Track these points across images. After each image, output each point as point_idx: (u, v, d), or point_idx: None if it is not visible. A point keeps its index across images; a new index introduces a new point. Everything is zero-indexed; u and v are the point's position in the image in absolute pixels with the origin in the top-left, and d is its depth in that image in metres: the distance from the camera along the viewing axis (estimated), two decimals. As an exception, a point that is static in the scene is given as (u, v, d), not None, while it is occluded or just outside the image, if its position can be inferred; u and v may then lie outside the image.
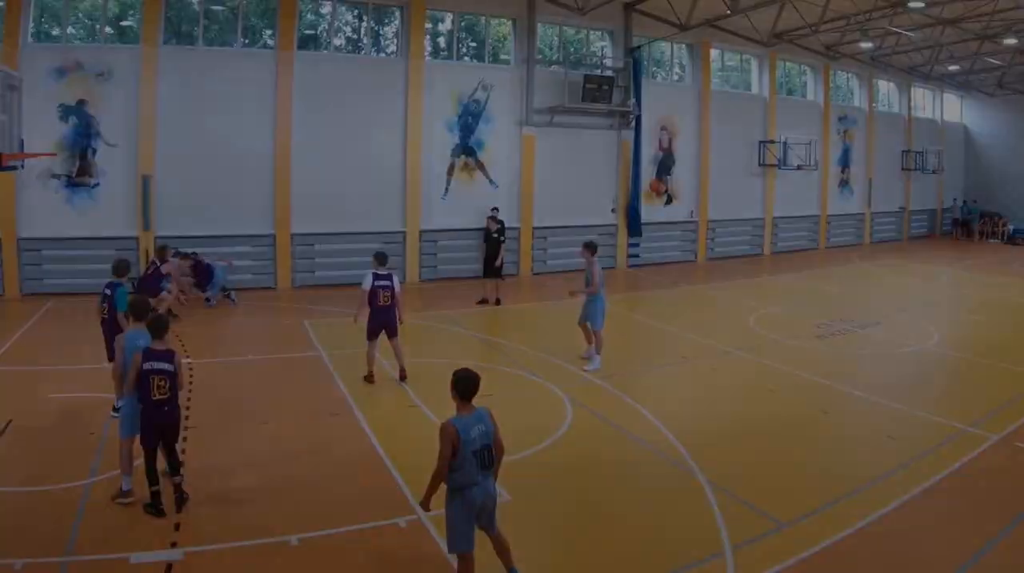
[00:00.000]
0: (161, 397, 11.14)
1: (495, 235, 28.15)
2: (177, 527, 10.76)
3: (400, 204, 32.96)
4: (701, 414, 16.39)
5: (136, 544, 10.27)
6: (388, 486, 12.39)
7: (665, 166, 39.87)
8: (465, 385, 9.26)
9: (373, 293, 17.63)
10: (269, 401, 16.90)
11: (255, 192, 30.48)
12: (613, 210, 38.18)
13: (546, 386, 17.94)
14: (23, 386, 17.32)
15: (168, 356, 11.29)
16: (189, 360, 18.97)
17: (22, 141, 17.10)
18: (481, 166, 34.65)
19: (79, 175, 28.25)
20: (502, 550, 9.47)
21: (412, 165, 32.91)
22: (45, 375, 18.11)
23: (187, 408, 15.05)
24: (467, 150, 34.35)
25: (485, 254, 28.82)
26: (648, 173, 39.06)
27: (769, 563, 10.07)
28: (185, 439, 13.60)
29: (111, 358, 14.04)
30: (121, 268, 16.22)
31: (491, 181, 34.82)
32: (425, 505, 9.33)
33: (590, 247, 20.29)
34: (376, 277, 17.69)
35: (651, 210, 39.20)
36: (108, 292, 15.73)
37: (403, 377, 18.07)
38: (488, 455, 9.13)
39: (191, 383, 17.03)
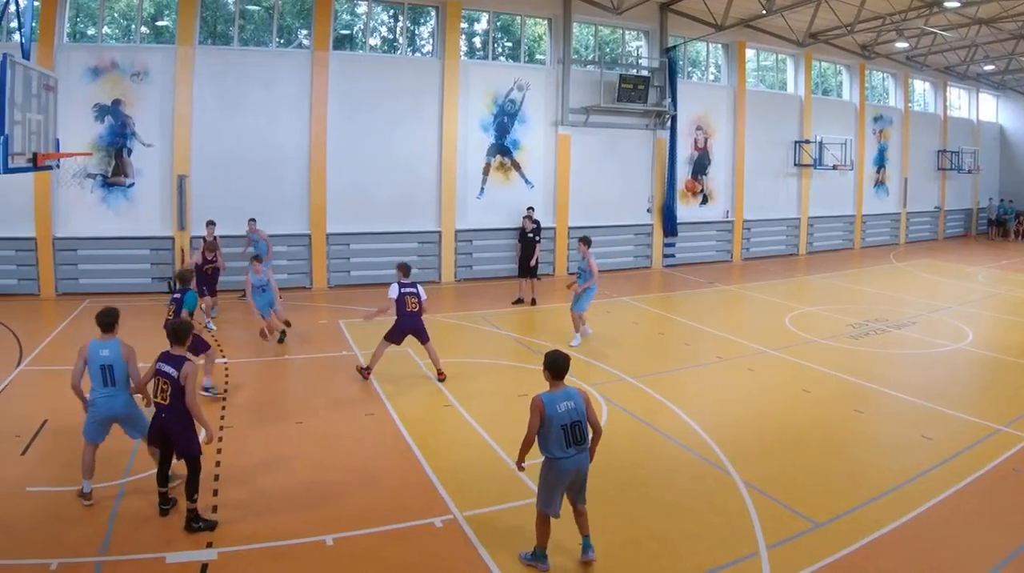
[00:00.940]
0: (161, 401, 10.79)
1: (530, 235, 27.38)
2: (212, 527, 10.63)
3: (435, 204, 32.27)
4: (736, 414, 16.03)
5: (172, 544, 10.20)
6: (424, 486, 12.27)
7: (701, 166, 39.00)
8: (555, 365, 9.76)
9: (401, 300, 17.58)
10: (304, 401, 16.71)
11: (291, 192, 29.94)
12: (649, 210, 37.32)
13: (581, 386, 16.92)
14: (58, 386, 16.45)
15: (176, 361, 10.79)
16: (225, 360, 19.27)
17: (58, 141, 17.65)
18: (516, 166, 33.89)
19: (114, 175, 27.75)
20: (582, 520, 10.06)
21: (447, 165, 32.26)
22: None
23: (223, 407, 15.66)
24: (502, 150, 33.60)
25: (520, 254, 28.02)
26: (684, 173, 38.24)
27: (804, 563, 9.95)
28: (221, 439, 13.78)
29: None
30: (186, 277, 16.45)
31: (526, 181, 34.04)
32: (519, 465, 10.11)
33: (586, 241, 21.80)
34: (402, 285, 17.68)
35: (687, 210, 38.41)
36: (178, 297, 15.69)
37: (441, 378, 17.87)
38: (578, 431, 9.60)
39: (226, 383, 17.18)
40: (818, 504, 11.60)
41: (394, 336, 17.71)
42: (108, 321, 11.68)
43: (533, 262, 27.65)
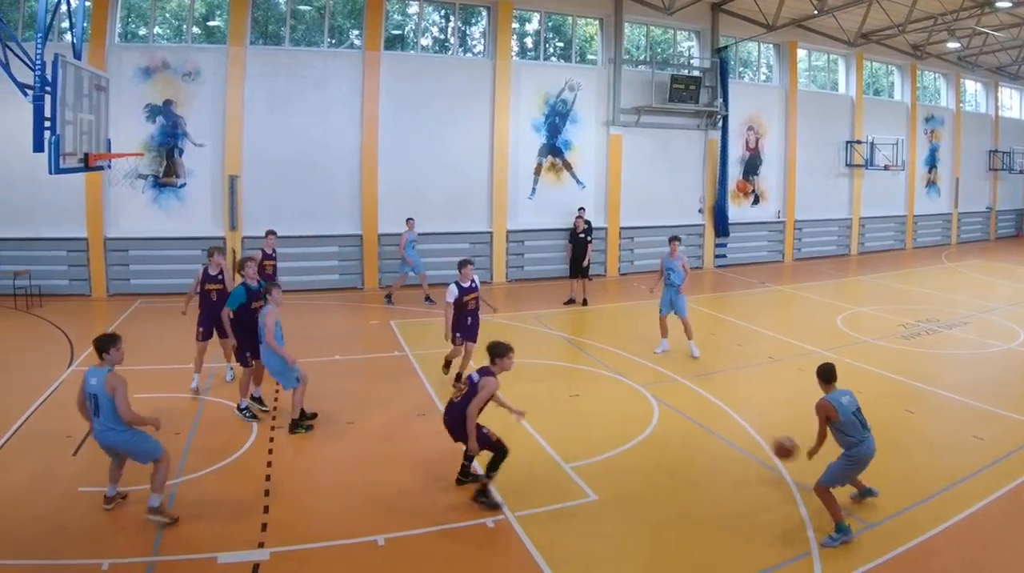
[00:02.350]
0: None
1: (582, 235, 26.53)
2: (264, 527, 10.51)
3: (487, 204, 31.32)
4: (787, 414, 15.39)
5: (223, 544, 10.02)
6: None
7: (752, 166, 37.72)
8: (828, 372, 10.86)
9: (461, 301, 16.60)
10: (356, 401, 16.35)
11: (342, 192, 29.21)
12: (700, 210, 36.21)
13: (632, 387, 17.21)
14: None
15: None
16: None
17: (109, 141, 17.79)
18: (568, 166, 32.85)
19: (166, 175, 27.14)
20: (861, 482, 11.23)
21: (499, 165, 31.28)
22: (131, 376, 16.68)
23: (275, 408, 15.47)
24: (554, 150, 32.56)
25: (572, 254, 27.05)
26: (735, 173, 37.03)
27: (856, 563, 9.74)
28: (272, 440, 13.82)
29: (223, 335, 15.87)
30: (240, 265, 16.38)
31: (578, 181, 32.98)
32: (811, 454, 10.83)
33: (678, 239, 20.86)
34: (460, 287, 16.48)
35: (738, 210, 37.25)
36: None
37: (457, 380, 16.76)
38: (863, 416, 10.62)
39: (277, 383, 16.21)
40: (869, 504, 11.32)
41: (457, 336, 16.82)
42: (101, 347, 10.72)
43: (585, 262, 26.68)
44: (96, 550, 9.69)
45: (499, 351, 11.55)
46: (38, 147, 13.45)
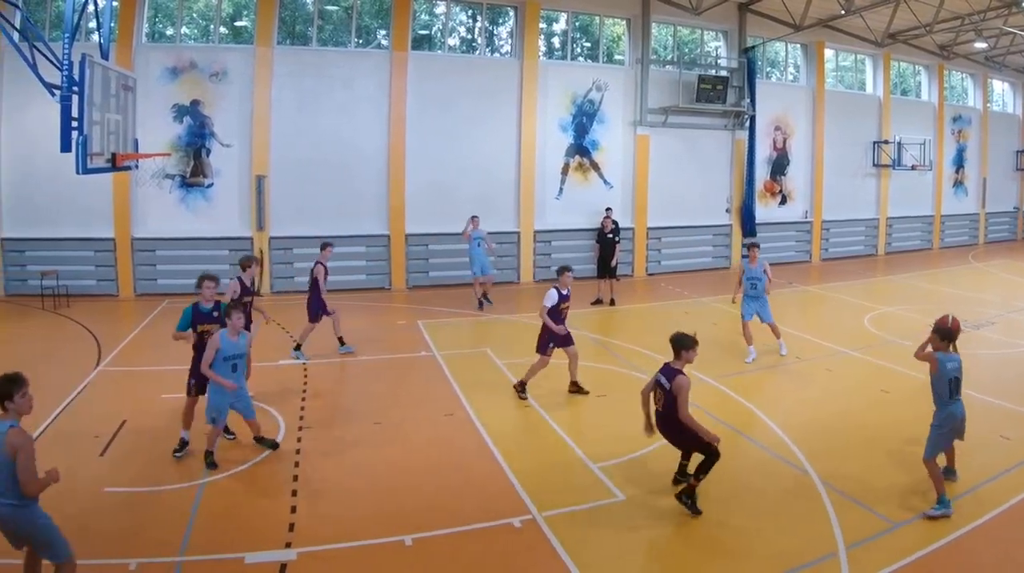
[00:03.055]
0: None
1: (610, 235, 26.19)
2: (291, 527, 10.41)
3: (514, 204, 30.93)
4: (814, 414, 15.49)
5: (250, 544, 9.94)
6: (503, 486, 11.90)
7: (779, 166, 37.18)
8: (947, 331, 11.30)
9: (556, 309, 16.09)
10: (383, 401, 16.25)
11: (369, 193, 28.89)
12: (728, 210, 35.75)
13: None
14: (136, 387, 16.94)
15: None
16: (306, 361, 18.92)
17: (136, 141, 17.80)
18: (595, 166, 32.42)
19: (193, 175, 26.91)
20: (952, 455, 11.81)
21: (526, 165, 30.89)
22: (158, 376, 17.30)
23: (302, 409, 15.36)
24: (581, 150, 32.13)
25: (599, 254, 26.68)
26: (762, 173, 36.50)
27: (883, 563, 9.59)
28: (299, 440, 13.67)
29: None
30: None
31: (605, 181, 32.55)
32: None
33: (758, 246, 20.52)
34: (559, 294, 16.11)
35: (765, 210, 36.70)
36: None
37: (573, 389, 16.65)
38: (959, 385, 11.13)
39: (305, 384, 16.79)
40: (896, 503, 11.24)
41: (550, 347, 16.27)
42: (2, 393, 8.07)
43: (613, 262, 26.37)
44: (124, 550, 9.61)
45: (685, 344, 11.18)
46: (65, 147, 13.39)
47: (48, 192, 25.33)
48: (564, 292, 16.09)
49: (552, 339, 16.03)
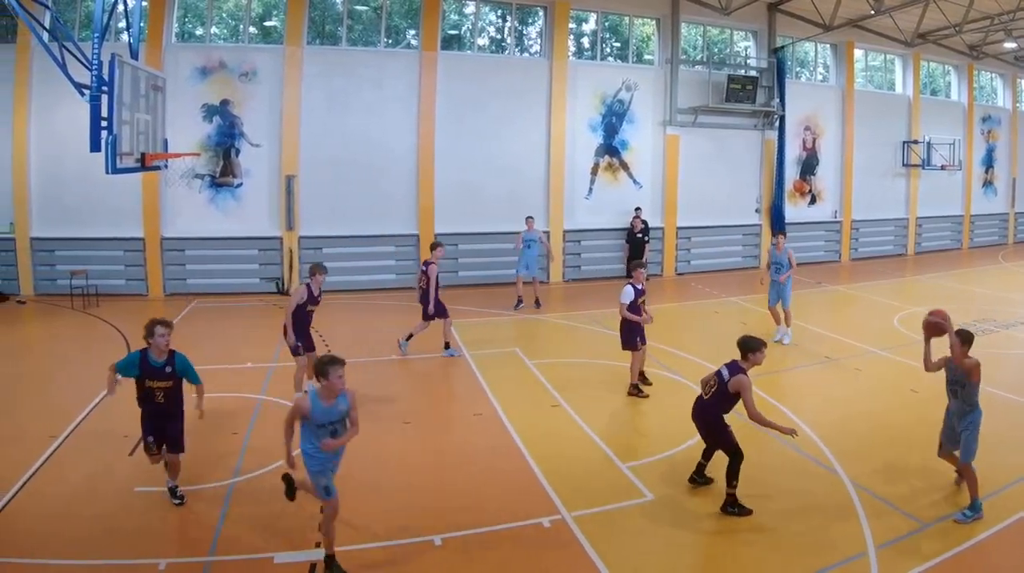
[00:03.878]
0: None
1: (639, 235, 25.92)
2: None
3: (544, 204, 30.44)
4: (844, 413, 15.50)
5: (279, 544, 9.93)
6: (532, 486, 11.86)
7: (809, 166, 36.67)
8: (968, 335, 10.91)
9: (635, 303, 16.21)
10: (412, 401, 16.38)
11: (398, 193, 28.59)
12: (757, 210, 35.30)
13: (689, 386, 16.53)
14: None
15: None
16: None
17: (166, 141, 17.83)
18: (625, 166, 31.99)
19: (222, 175, 26.65)
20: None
21: (556, 165, 30.52)
22: None
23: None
24: (611, 150, 31.71)
25: (629, 254, 26.53)
26: (792, 173, 35.99)
27: (912, 563, 9.56)
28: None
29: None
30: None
31: (635, 181, 32.11)
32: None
33: (784, 233, 21.91)
34: (635, 289, 16.24)
35: (795, 210, 36.16)
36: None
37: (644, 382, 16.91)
38: None
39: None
40: (926, 503, 11.26)
41: (638, 343, 16.37)
42: None
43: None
44: (153, 550, 9.58)
45: (753, 346, 11.19)
46: (95, 147, 13.31)
47: (77, 192, 25.19)
48: (639, 287, 16.21)
49: (638, 332, 16.14)
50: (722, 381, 11.00)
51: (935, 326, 11.26)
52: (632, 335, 16.12)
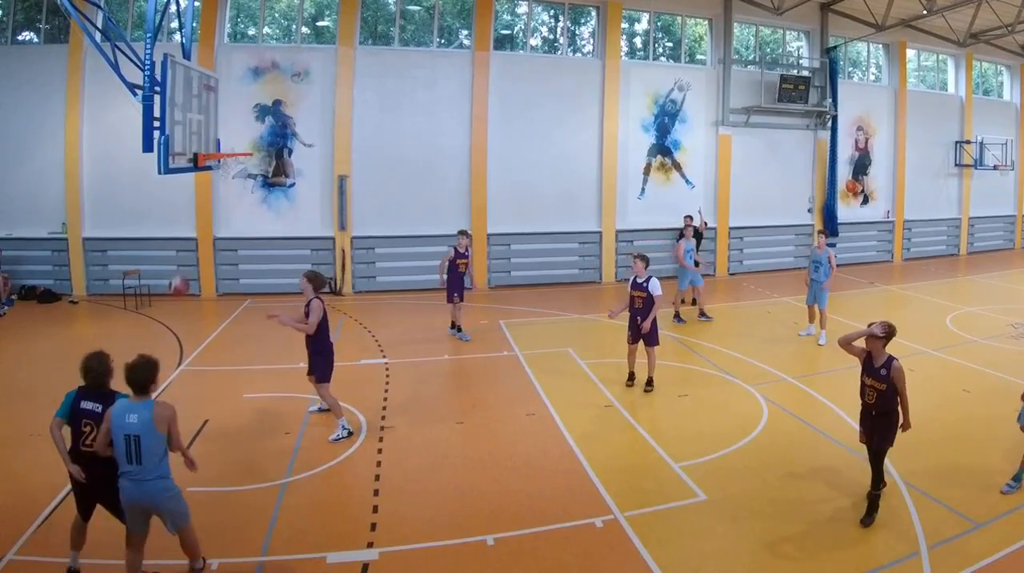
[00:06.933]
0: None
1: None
2: (373, 527, 10.20)
3: (596, 204, 29.72)
4: None
5: (332, 544, 9.77)
6: (584, 486, 11.65)
7: (861, 166, 35.55)
8: None
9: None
10: (464, 401, 16.15)
11: (451, 192, 28.00)
12: (809, 210, 34.28)
13: (742, 386, 16.69)
14: (219, 386, 16.61)
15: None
16: (386, 360, 18.62)
17: (218, 141, 17.60)
18: (677, 166, 31.08)
19: (275, 175, 26.14)
20: None
21: (608, 165, 29.69)
22: (241, 375, 17.24)
23: (383, 408, 15.06)
24: (663, 150, 30.81)
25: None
26: (844, 173, 34.92)
27: (965, 563, 9.33)
28: (381, 439, 13.40)
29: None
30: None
31: (687, 181, 31.20)
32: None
33: (825, 233, 21.97)
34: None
35: (847, 210, 35.14)
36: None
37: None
38: None
39: (387, 383, 16.58)
40: (978, 504, 10.91)
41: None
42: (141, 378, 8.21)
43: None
44: (206, 549, 9.21)
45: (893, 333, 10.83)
46: (147, 147, 13.13)
47: (130, 192, 24.87)
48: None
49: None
50: (883, 379, 10.74)
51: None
52: (655, 332, 16.22)
